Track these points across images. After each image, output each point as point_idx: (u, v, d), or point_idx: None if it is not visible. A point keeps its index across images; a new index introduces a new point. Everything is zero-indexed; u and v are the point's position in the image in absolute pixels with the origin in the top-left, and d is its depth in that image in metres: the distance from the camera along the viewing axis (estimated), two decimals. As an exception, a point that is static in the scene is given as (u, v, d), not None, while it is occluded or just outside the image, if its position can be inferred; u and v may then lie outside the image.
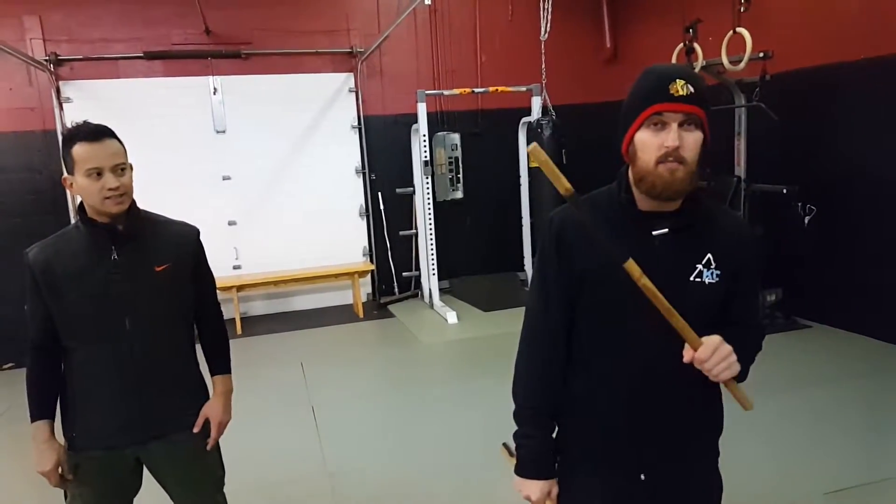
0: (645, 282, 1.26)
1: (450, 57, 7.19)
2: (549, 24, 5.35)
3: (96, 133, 1.72)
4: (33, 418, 1.84)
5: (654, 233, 1.32)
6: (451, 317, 6.12)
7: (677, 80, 1.24)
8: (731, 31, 4.75)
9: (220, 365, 2.07)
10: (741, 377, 1.37)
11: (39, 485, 1.88)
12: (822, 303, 5.29)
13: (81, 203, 1.80)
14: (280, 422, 4.07)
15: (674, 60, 5.23)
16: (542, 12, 5.47)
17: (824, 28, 5.00)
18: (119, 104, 6.19)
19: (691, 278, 1.34)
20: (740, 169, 5.45)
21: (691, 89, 1.23)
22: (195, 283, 1.96)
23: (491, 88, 6.55)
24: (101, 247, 1.79)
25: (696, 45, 5.00)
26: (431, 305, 6.67)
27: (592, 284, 1.35)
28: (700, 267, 1.34)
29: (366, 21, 6.86)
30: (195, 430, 1.94)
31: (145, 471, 1.96)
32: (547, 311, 1.42)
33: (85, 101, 6.19)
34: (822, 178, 5.08)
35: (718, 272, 1.35)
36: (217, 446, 2.03)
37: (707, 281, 1.34)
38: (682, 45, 5.13)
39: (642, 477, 1.41)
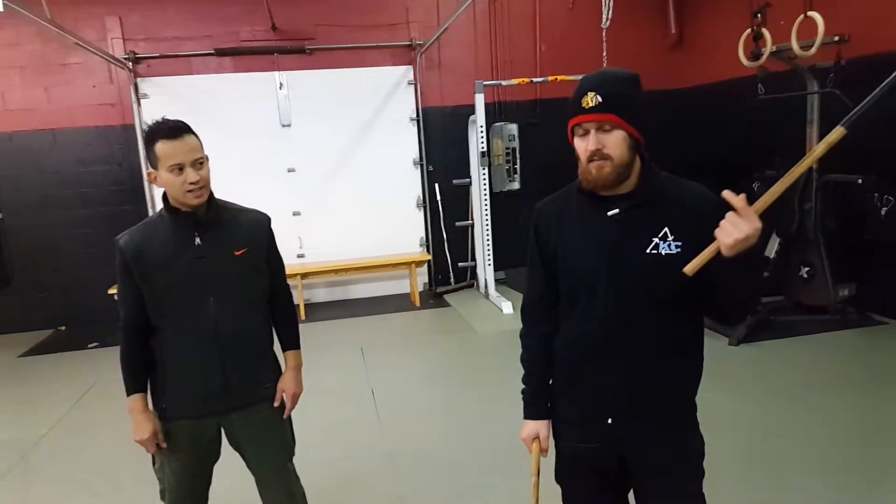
0: None
1: (509, 47, 7.19)
2: (611, 11, 5.26)
3: (176, 130, 1.84)
4: (129, 392, 1.98)
5: (609, 213, 1.53)
6: (507, 307, 6.15)
7: (588, 94, 1.44)
8: (802, 15, 4.56)
9: (291, 341, 2.20)
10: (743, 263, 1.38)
11: (129, 451, 2.05)
12: (899, 299, 5.04)
13: (165, 193, 1.93)
14: (342, 402, 4.24)
15: (740, 46, 5.08)
16: (603, -1, 5.38)
17: (905, 9, 4.73)
18: (192, 99, 6.50)
19: (647, 251, 1.50)
20: (811, 158, 5.24)
21: (599, 99, 1.43)
22: (268, 266, 2.09)
23: (550, 77, 6.50)
24: (186, 233, 1.92)
25: (764, 31, 4.83)
26: (487, 295, 6.72)
27: (563, 258, 1.62)
28: (656, 240, 1.50)
29: (425, 13, 6.94)
30: (275, 403, 2.09)
31: (224, 442, 2.12)
32: (532, 279, 1.76)
33: (160, 97, 6.53)
34: (900, 167, 4.83)
35: (678, 243, 1.49)
36: (290, 418, 2.17)
37: (664, 252, 1.49)
38: (749, 30, 4.96)
39: (609, 421, 1.61)
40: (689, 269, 1.39)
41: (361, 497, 3.08)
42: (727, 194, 1.32)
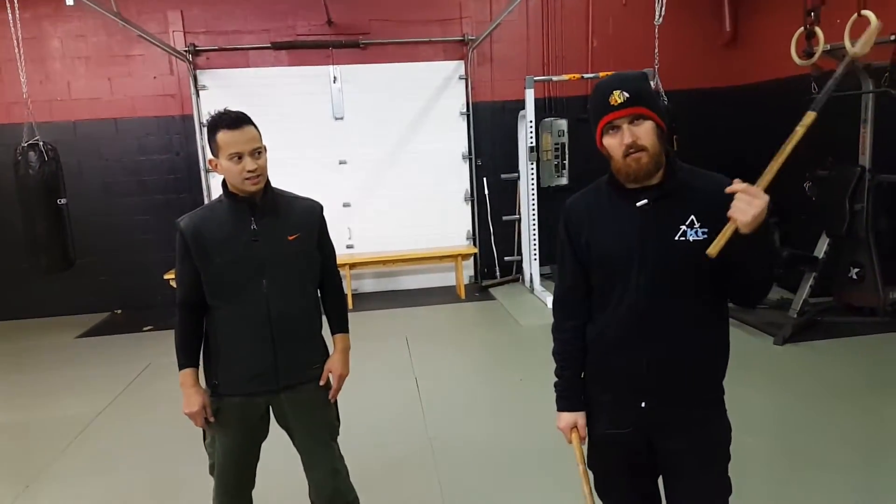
0: None
1: (560, 42, 7.17)
2: (664, 8, 5.21)
3: (237, 121, 1.94)
4: (181, 367, 2.08)
5: (638, 204, 1.61)
6: (551, 301, 6.15)
7: (614, 92, 1.53)
8: (855, 14, 4.44)
9: (340, 325, 2.28)
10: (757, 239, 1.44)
11: (181, 427, 2.15)
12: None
13: (224, 179, 2.03)
14: (386, 390, 4.35)
15: (793, 45, 4.96)
16: (657, -5, 5.33)
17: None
18: (248, 91, 6.69)
19: (676, 238, 1.58)
20: (865, 158, 5.11)
21: (626, 95, 1.52)
22: (319, 252, 2.17)
23: (601, 73, 6.47)
24: (243, 218, 2.02)
25: (816, 29, 4.72)
26: (532, 290, 6.75)
27: (595, 250, 1.69)
28: (684, 227, 1.58)
29: (478, 9, 6.99)
30: (321, 383, 2.17)
31: (272, 421, 2.21)
32: (562, 273, 1.82)
33: (218, 89, 6.76)
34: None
35: (705, 229, 1.56)
36: (335, 400, 2.26)
37: (692, 238, 1.57)
38: (802, 29, 4.85)
39: (643, 405, 1.68)
40: (712, 249, 1.45)
41: (402, 480, 3.17)
42: (730, 188, 1.43)
